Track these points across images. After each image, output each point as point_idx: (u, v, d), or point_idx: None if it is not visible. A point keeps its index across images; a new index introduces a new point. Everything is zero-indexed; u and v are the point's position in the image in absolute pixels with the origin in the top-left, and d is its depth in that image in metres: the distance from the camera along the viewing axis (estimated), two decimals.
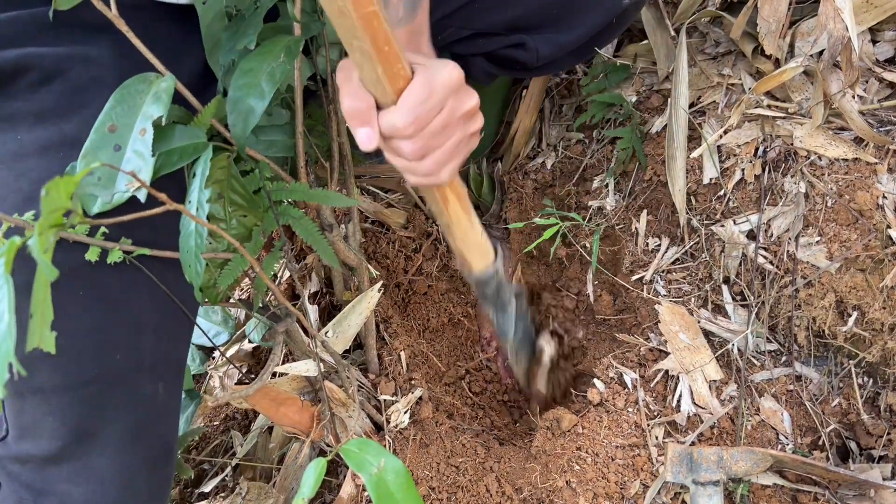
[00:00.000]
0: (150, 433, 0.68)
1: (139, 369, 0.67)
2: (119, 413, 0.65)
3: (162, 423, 0.70)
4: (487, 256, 0.98)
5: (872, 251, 0.97)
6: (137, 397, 0.67)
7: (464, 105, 0.67)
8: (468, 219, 0.89)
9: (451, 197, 0.84)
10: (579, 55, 1.10)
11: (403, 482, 0.60)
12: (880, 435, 0.99)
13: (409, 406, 1.16)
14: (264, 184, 0.77)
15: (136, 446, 0.66)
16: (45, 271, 0.41)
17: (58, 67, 0.68)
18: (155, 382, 0.68)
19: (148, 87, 0.63)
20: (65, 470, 0.63)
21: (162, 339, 0.70)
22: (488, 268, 1.00)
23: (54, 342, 0.44)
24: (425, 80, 0.62)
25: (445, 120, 0.65)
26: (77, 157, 0.63)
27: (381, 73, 0.59)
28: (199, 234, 0.63)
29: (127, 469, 0.65)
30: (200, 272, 0.63)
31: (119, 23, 0.62)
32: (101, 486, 0.63)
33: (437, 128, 0.65)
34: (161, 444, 0.70)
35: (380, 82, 0.60)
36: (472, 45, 1.00)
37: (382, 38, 0.56)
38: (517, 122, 1.45)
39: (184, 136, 0.66)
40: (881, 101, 1.03)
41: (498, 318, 1.13)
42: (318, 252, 0.87)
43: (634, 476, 1.01)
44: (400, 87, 0.61)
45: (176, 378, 0.74)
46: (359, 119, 0.64)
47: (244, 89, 0.67)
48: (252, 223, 0.76)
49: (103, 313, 0.65)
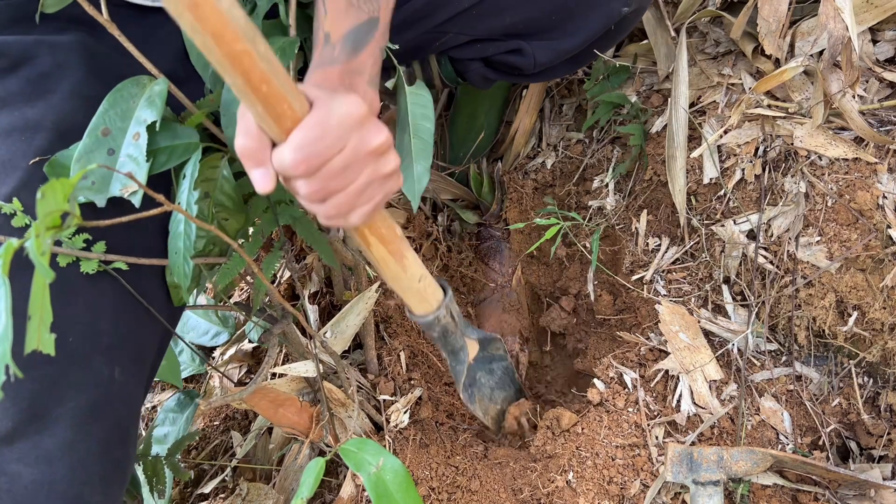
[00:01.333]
0: (103, 415, 0.67)
1: (94, 351, 0.67)
2: (71, 393, 0.64)
3: (117, 406, 0.69)
4: (427, 302, 0.91)
5: (872, 251, 0.97)
6: (91, 379, 0.66)
7: (369, 142, 0.61)
8: (398, 263, 0.81)
9: (371, 240, 0.76)
10: (577, 62, 1.10)
11: (402, 481, 0.60)
12: (880, 435, 0.98)
13: (408, 406, 1.16)
14: None
15: (89, 428, 0.65)
16: (43, 273, 0.41)
17: (25, 54, 0.68)
18: (111, 365, 0.68)
19: (141, 90, 0.63)
20: (16, 450, 0.62)
21: (122, 324, 0.69)
22: (428, 314, 0.92)
23: (54, 344, 0.44)
24: (319, 116, 0.57)
25: (346, 160, 0.60)
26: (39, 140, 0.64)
27: (262, 112, 0.54)
28: (187, 235, 0.63)
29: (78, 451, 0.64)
30: (188, 273, 0.63)
31: (111, 27, 0.62)
32: (49, 466, 0.63)
33: (337, 168, 0.59)
34: (115, 427, 0.69)
35: (264, 121, 0.56)
36: (470, 49, 1.00)
37: (258, 77, 0.51)
38: (517, 122, 1.45)
39: (174, 135, 0.65)
40: (881, 100, 1.03)
41: (450, 362, 1.07)
42: (318, 252, 0.86)
43: (634, 476, 1.01)
44: (288, 127, 0.56)
45: (136, 364, 0.72)
46: (251, 160, 0.59)
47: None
48: (234, 228, 0.75)
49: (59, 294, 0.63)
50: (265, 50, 0.50)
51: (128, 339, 0.71)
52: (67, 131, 0.66)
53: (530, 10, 0.93)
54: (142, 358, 0.74)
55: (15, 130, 0.66)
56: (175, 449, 1.07)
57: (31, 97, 0.68)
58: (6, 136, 0.66)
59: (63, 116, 0.67)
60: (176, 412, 1.21)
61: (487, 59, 1.03)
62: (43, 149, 0.65)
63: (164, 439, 1.18)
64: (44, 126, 0.65)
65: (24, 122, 0.66)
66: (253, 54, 0.49)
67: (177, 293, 0.75)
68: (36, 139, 0.65)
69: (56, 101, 0.66)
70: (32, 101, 0.68)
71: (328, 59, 0.69)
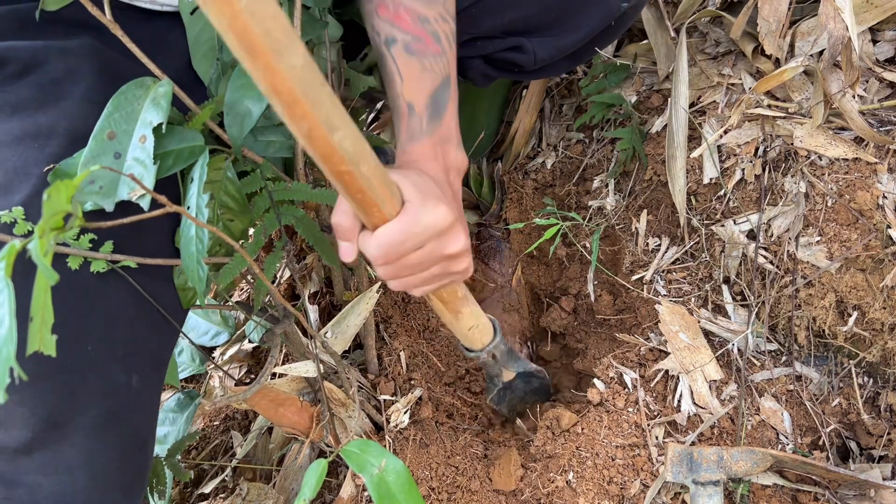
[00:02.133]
0: (122, 424, 0.67)
1: (112, 359, 0.66)
2: (90, 402, 0.64)
3: (135, 414, 0.69)
4: (474, 343, 1.01)
5: (873, 251, 0.97)
6: (109, 387, 0.66)
7: (447, 248, 0.68)
8: (453, 316, 0.91)
9: (433, 299, 0.87)
10: (577, 58, 1.10)
11: (405, 482, 0.60)
12: (880, 435, 0.99)
13: (408, 406, 1.16)
14: (266, 184, 0.77)
15: (108, 436, 0.65)
16: (46, 275, 0.41)
17: (35, 60, 0.68)
18: (128, 373, 0.68)
19: (145, 91, 0.62)
20: (35, 460, 0.62)
21: (137, 331, 0.69)
22: (472, 351, 1.03)
23: (55, 345, 0.44)
24: (405, 223, 0.63)
25: (422, 258, 0.67)
26: (52, 147, 0.64)
27: (357, 211, 0.63)
28: (199, 238, 0.63)
29: (97, 460, 0.64)
30: (203, 276, 0.63)
31: (114, 28, 0.62)
32: (70, 476, 0.62)
33: (413, 263, 0.67)
34: (134, 434, 0.69)
35: (358, 213, 0.64)
36: (470, 47, 1.00)
37: (355, 189, 0.58)
38: (517, 122, 1.45)
39: (180, 138, 0.65)
40: (881, 100, 1.03)
41: (486, 378, 1.18)
42: (318, 252, 0.86)
43: (634, 476, 1.01)
44: (376, 224, 0.64)
45: (153, 371, 0.73)
46: (342, 234, 0.67)
47: (241, 91, 0.67)
48: (238, 228, 0.76)
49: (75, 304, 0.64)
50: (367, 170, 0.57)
51: (144, 346, 0.71)
52: (80, 137, 0.65)
53: (530, 7, 0.93)
54: (157, 364, 0.74)
55: (27, 137, 0.65)
56: (175, 450, 1.07)
57: (42, 103, 0.67)
58: (18, 142, 0.65)
59: (76, 122, 0.66)
60: (176, 412, 1.21)
61: (487, 56, 1.03)
62: (56, 155, 0.64)
63: (164, 439, 1.18)
64: (57, 132, 0.64)
65: (37, 129, 0.66)
66: (354, 174, 0.56)
67: (185, 295, 0.75)
68: (49, 146, 0.64)
69: (68, 106, 0.65)
70: (44, 107, 0.67)
71: (417, 132, 0.76)
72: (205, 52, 0.71)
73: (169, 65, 0.68)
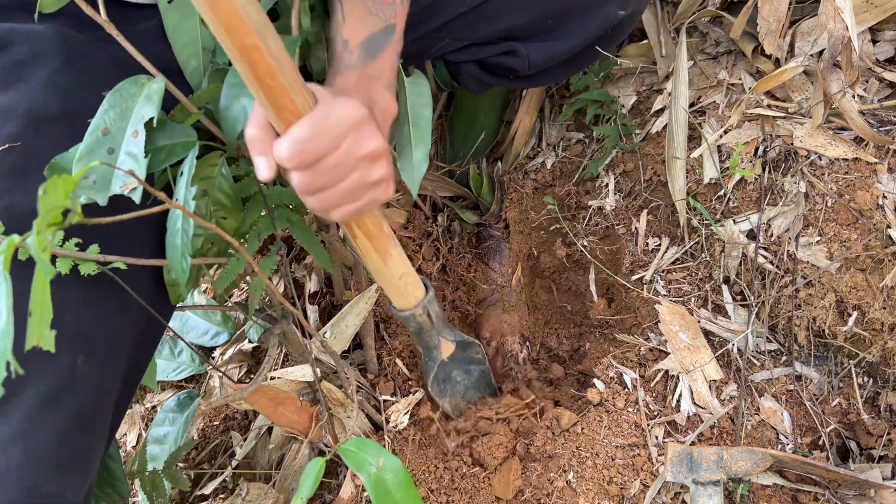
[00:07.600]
0: (63, 403, 0.66)
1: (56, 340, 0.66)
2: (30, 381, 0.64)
3: (79, 393, 0.68)
4: (406, 298, 0.95)
5: (872, 251, 0.97)
6: (51, 367, 0.65)
7: (362, 147, 0.65)
8: (381, 258, 0.86)
9: (357, 232, 0.81)
10: (574, 66, 1.09)
11: (402, 481, 0.60)
12: (880, 435, 0.98)
13: (408, 406, 1.16)
14: (261, 187, 0.77)
15: (46, 415, 0.65)
16: (45, 270, 0.41)
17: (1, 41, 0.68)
18: (73, 353, 0.67)
19: (140, 89, 0.63)
20: None
21: (86, 314, 0.68)
22: (405, 309, 0.97)
23: (53, 340, 0.44)
24: (318, 115, 0.60)
25: (337, 160, 0.63)
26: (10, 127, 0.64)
27: (265, 103, 0.59)
28: (185, 231, 0.63)
29: (33, 438, 0.64)
30: (186, 269, 0.63)
31: (110, 28, 0.62)
32: (3, 454, 0.62)
33: (327, 166, 0.63)
34: (76, 414, 0.68)
35: (268, 112, 0.60)
36: (464, 52, 1.00)
37: (264, 70, 0.54)
38: (517, 122, 1.45)
39: (172, 133, 0.66)
40: (881, 100, 1.03)
41: (423, 357, 1.12)
42: (312, 255, 0.86)
43: (634, 476, 1.01)
44: (289, 121, 0.60)
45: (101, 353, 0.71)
46: (256, 148, 0.63)
47: (236, 88, 0.67)
48: (231, 227, 0.76)
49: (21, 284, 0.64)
50: (275, 46, 0.53)
51: (94, 330, 0.69)
52: (40, 120, 0.65)
53: (526, 14, 0.93)
54: (112, 349, 0.73)
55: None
56: (172, 461, 1.07)
57: (4, 84, 0.67)
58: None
59: (36, 105, 0.66)
60: (176, 412, 1.21)
61: (481, 61, 1.03)
62: (13, 136, 0.64)
63: (164, 439, 1.18)
64: (15, 113, 0.64)
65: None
66: (262, 49, 0.52)
67: (174, 291, 0.75)
68: (6, 126, 0.64)
69: (29, 89, 0.65)
70: (5, 88, 0.67)
71: (346, 65, 0.72)
72: (185, 41, 0.71)
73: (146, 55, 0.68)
